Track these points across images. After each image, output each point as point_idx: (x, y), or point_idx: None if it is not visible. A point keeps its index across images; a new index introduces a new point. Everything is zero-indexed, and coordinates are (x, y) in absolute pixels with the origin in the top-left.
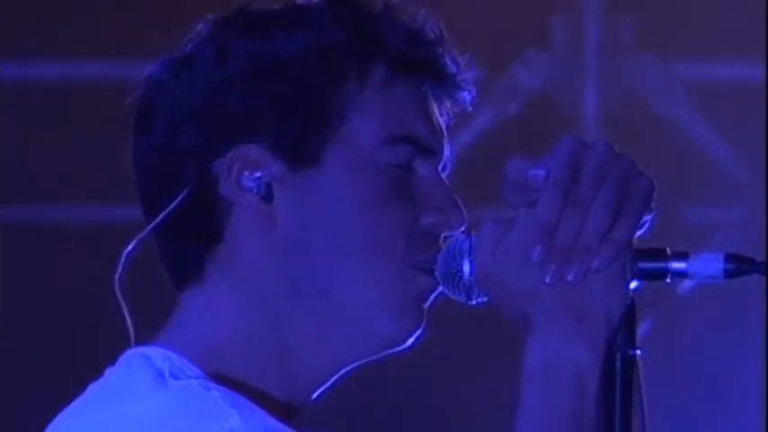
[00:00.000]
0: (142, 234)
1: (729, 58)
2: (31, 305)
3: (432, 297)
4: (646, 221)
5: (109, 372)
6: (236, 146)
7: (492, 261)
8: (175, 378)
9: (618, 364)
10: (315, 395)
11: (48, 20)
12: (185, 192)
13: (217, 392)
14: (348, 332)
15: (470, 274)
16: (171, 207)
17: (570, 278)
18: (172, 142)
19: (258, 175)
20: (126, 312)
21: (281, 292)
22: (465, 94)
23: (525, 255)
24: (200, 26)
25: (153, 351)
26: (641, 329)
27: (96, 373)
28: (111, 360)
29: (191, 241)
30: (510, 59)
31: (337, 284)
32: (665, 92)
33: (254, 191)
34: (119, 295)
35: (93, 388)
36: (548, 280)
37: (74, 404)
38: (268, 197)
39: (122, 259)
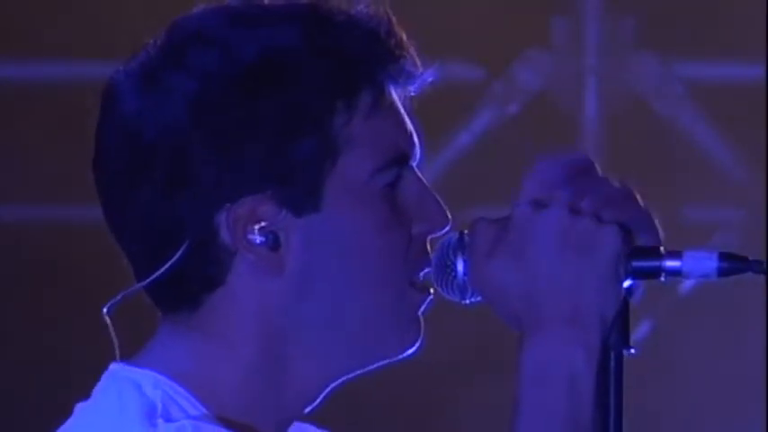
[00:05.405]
0: (128, 290)
1: (729, 58)
2: (27, 306)
3: (425, 304)
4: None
5: (96, 393)
6: (238, 198)
7: (486, 262)
8: (167, 419)
9: (612, 363)
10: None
11: (48, 20)
12: (184, 246)
13: None
14: (347, 354)
15: (464, 274)
16: (169, 263)
17: None
18: (170, 196)
19: (263, 225)
20: (112, 329)
21: (284, 328)
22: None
23: (520, 256)
24: (162, 43)
25: (143, 376)
26: (642, 330)
27: (91, 376)
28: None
29: (187, 286)
30: (510, 59)
31: (343, 317)
32: (665, 92)
33: (261, 241)
34: (110, 330)
35: (81, 414)
36: None
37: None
38: (274, 245)
39: (106, 310)
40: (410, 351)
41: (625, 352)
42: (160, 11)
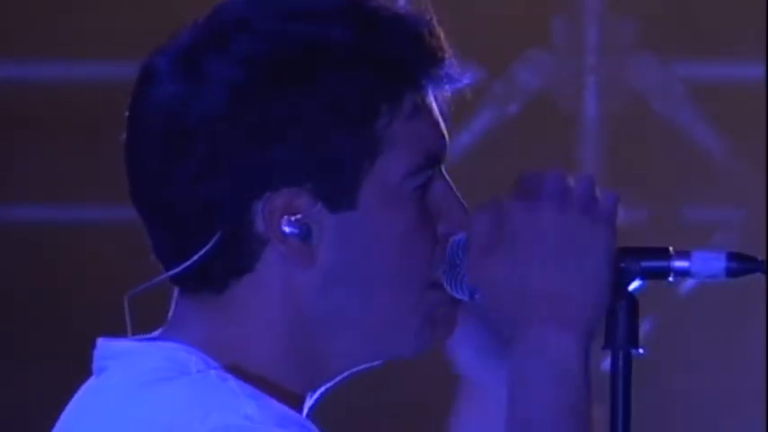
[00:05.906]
0: (156, 279)
1: (729, 58)
2: (29, 306)
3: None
4: None
5: (116, 366)
6: (276, 189)
7: (481, 259)
8: (197, 370)
9: (620, 362)
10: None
11: (48, 20)
12: (217, 236)
13: (234, 383)
14: (368, 348)
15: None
16: (202, 251)
17: None
18: (206, 183)
19: (298, 217)
20: (128, 319)
21: (308, 320)
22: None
23: (513, 254)
24: (204, 27)
25: (172, 348)
26: (643, 329)
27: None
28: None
29: (215, 273)
30: (510, 59)
31: (367, 313)
32: (665, 92)
33: (294, 233)
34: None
35: (103, 387)
36: None
37: (88, 397)
38: (307, 237)
39: (132, 293)
40: (428, 348)
41: (633, 352)
42: (160, 11)
